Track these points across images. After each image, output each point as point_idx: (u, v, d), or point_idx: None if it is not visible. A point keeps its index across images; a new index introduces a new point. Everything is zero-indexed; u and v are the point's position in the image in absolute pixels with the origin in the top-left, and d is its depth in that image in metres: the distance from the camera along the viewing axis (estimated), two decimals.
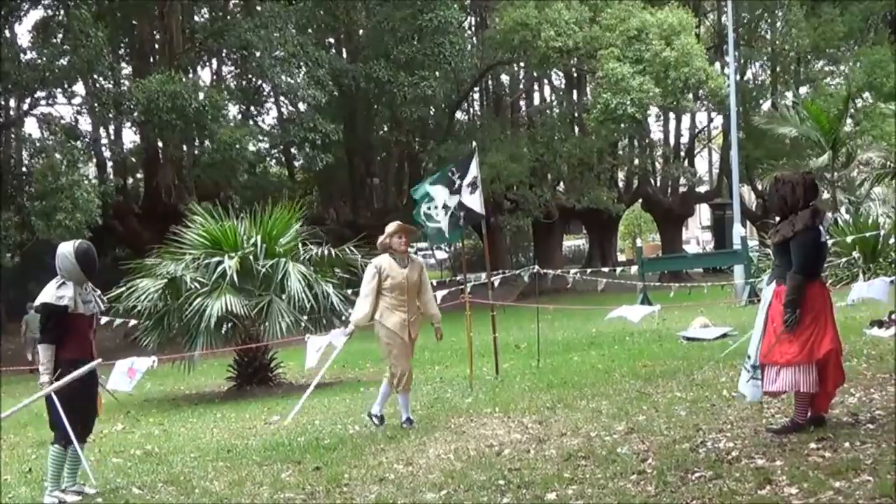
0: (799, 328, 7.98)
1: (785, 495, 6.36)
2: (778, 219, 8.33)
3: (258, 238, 16.68)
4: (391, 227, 10.85)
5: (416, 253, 12.94)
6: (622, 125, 37.51)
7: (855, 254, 22.65)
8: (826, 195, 33.01)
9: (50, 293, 8.54)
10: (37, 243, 31.31)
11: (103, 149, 39.42)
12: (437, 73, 37.49)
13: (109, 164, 40.29)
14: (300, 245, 17.56)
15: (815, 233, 8.09)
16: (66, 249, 8.64)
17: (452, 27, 36.79)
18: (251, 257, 16.41)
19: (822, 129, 31.90)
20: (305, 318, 16.70)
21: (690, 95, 39.87)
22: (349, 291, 17.98)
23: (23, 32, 38.52)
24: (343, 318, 17.38)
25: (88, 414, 8.72)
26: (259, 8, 35.66)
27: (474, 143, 16.33)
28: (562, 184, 48.52)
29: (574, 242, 75.14)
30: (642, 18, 36.23)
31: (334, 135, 35.39)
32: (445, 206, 13.86)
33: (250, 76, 38.14)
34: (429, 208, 13.93)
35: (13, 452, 12.15)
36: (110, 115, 34.90)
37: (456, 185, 14.04)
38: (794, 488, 6.46)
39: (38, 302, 8.65)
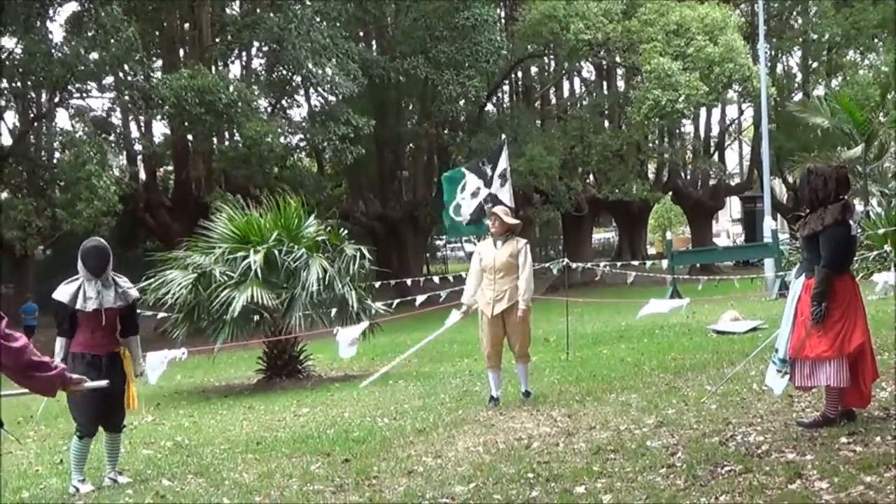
0: (829, 322, 7.92)
1: (815, 489, 6.32)
2: (808, 211, 8.27)
3: (280, 231, 16.68)
4: (488, 211, 11.63)
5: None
6: (673, 118, 37.41)
7: (887, 247, 22.45)
8: (856, 185, 32.77)
9: (59, 289, 8.81)
10: (66, 234, 31.57)
11: (134, 142, 39.65)
12: (473, 72, 37.54)
13: (139, 156, 40.46)
14: (319, 239, 17.49)
15: (845, 227, 8.01)
16: (81, 247, 8.89)
17: (489, 25, 36.79)
18: (276, 251, 16.42)
19: (854, 120, 31.65)
20: (334, 311, 16.67)
21: (733, 93, 39.75)
22: (377, 285, 17.99)
23: (55, 28, 38.79)
24: (372, 311, 17.45)
25: (99, 407, 8.70)
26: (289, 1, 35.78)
27: (504, 136, 16.33)
28: (591, 176, 48.44)
29: (603, 235, 75.03)
30: (682, 13, 36.13)
31: (366, 128, 35.45)
32: (475, 194, 13.93)
33: (281, 69, 38.20)
34: (463, 198, 14.01)
35: (44, 443, 12.24)
36: (140, 109, 35.09)
37: (488, 177, 14.09)
38: (825, 482, 6.41)
39: (55, 297, 8.88)
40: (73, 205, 29.78)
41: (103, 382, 7.00)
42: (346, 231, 18.17)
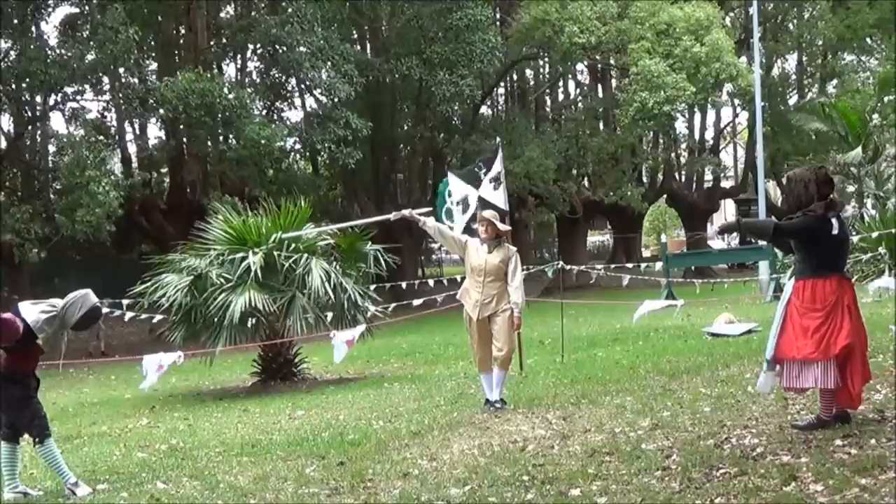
0: (813, 325, 7.96)
1: (810, 492, 6.34)
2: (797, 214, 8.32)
3: (279, 234, 16.63)
4: (479, 216, 11.54)
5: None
6: (659, 122, 37.35)
7: (881, 249, 22.46)
8: (851, 189, 32.84)
9: (35, 316, 8.62)
10: (62, 239, 31.51)
11: (129, 144, 39.59)
12: (467, 71, 37.47)
13: (134, 159, 40.38)
14: (318, 242, 17.48)
15: (825, 224, 8.05)
16: (84, 301, 8.70)
17: (482, 25, 36.73)
18: (274, 253, 16.40)
19: (850, 125, 31.71)
20: (330, 314, 16.69)
21: (723, 93, 39.65)
22: (372, 287, 17.98)
23: (49, 29, 38.68)
24: (367, 314, 17.44)
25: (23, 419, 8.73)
26: (284, 4, 35.73)
27: (498, 139, 16.31)
28: (586, 179, 48.46)
29: (598, 238, 75.02)
30: (671, 13, 36.12)
31: (363, 130, 35.40)
32: (463, 203, 13.94)
33: (276, 72, 38.13)
34: (451, 203, 14.02)
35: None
36: (137, 112, 35.01)
37: (480, 181, 14.08)
38: (820, 485, 6.43)
39: (21, 311, 8.69)
40: (72, 210, 29.68)
41: None
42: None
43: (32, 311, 8.68)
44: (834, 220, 8.09)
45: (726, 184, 57.24)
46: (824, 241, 8.10)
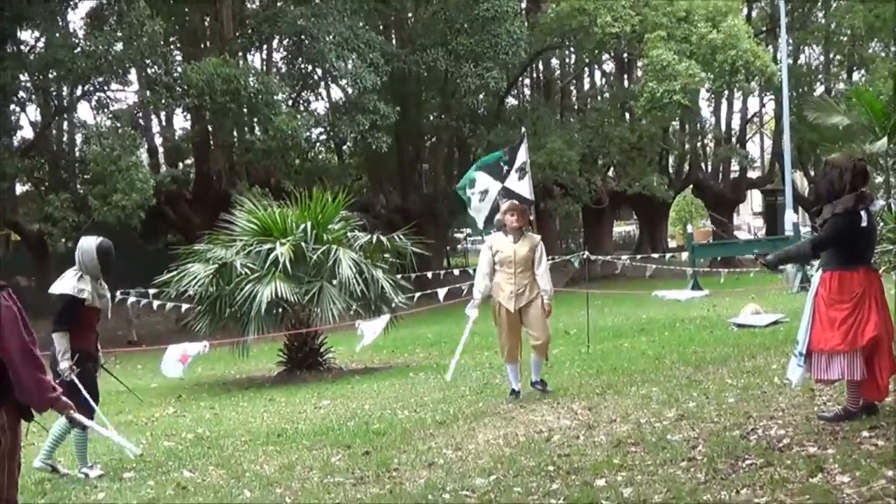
0: (840, 316, 7.92)
1: (837, 483, 6.31)
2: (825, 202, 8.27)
3: (308, 225, 16.69)
4: (504, 206, 11.50)
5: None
6: (672, 111, 37.19)
7: None
8: (879, 179, 32.61)
9: (70, 284, 8.96)
10: (90, 228, 31.66)
11: (155, 135, 39.73)
12: (492, 63, 37.40)
13: (161, 150, 40.54)
14: (348, 232, 17.58)
15: (855, 217, 8.00)
16: (88, 244, 9.12)
17: (508, 16, 36.65)
18: (302, 244, 16.45)
19: (875, 114, 31.42)
20: (356, 304, 16.76)
21: (741, 77, 39.39)
22: (398, 276, 18.01)
23: (76, 20, 38.89)
24: (392, 304, 17.50)
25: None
26: None
27: (524, 129, 16.29)
28: (612, 169, 48.31)
29: (624, 228, 74.88)
30: (689, 1, 36.06)
31: (392, 116, 35.45)
32: (485, 192, 13.95)
33: (302, 62, 38.16)
34: (473, 194, 14.05)
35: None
36: (164, 102, 35.07)
37: (504, 172, 14.06)
38: (846, 476, 6.40)
39: (57, 291, 9.03)
40: (106, 196, 29.82)
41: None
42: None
43: (65, 283, 9.02)
44: (863, 213, 8.04)
45: (752, 174, 56.93)
46: (855, 236, 8.08)
